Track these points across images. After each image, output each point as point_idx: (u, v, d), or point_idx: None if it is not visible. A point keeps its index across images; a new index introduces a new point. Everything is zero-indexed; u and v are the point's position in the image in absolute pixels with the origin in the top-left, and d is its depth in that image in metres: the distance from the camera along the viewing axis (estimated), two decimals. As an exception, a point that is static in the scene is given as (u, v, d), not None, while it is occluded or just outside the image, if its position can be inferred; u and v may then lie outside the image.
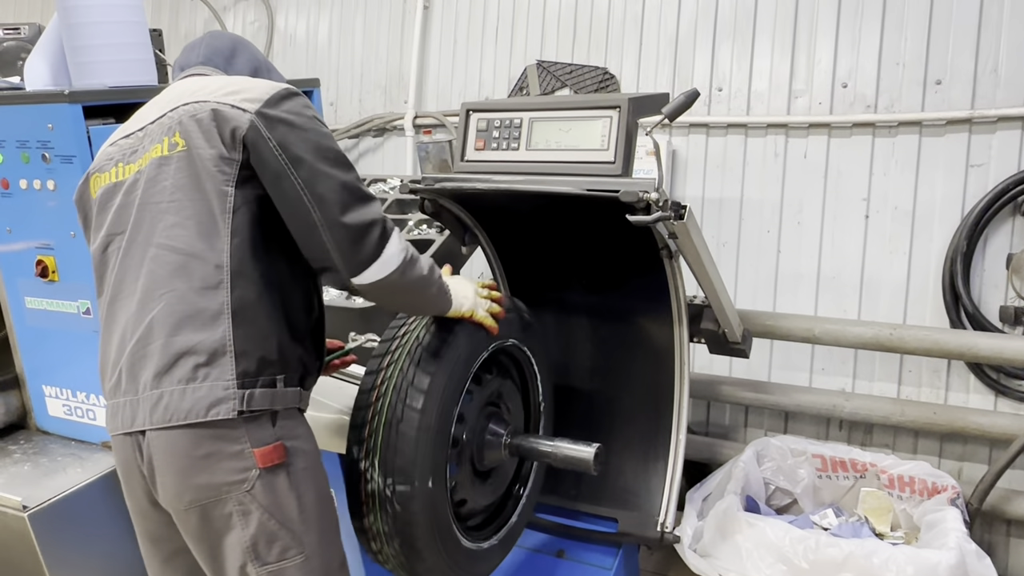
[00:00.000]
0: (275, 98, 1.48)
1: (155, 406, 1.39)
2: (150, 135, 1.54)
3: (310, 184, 1.43)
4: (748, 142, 3.05)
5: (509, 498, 2.13)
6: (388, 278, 1.49)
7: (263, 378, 1.43)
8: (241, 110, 1.45)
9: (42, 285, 2.33)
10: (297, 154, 1.44)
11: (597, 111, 1.99)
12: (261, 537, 1.42)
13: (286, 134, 1.45)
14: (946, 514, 2.28)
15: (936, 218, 2.78)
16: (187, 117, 1.48)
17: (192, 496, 1.40)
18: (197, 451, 1.39)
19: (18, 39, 2.86)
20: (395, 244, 1.50)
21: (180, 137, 1.48)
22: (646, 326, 2.39)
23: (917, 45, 2.76)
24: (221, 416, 1.38)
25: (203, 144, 1.45)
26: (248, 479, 1.40)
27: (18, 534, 2.14)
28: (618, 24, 3.24)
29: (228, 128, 1.44)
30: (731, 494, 2.38)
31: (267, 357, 1.44)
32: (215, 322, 1.40)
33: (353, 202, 1.46)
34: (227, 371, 1.39)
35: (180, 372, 1.39)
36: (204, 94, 1.51)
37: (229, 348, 1.40)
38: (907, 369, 2.89)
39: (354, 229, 1.45)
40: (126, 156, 1.56)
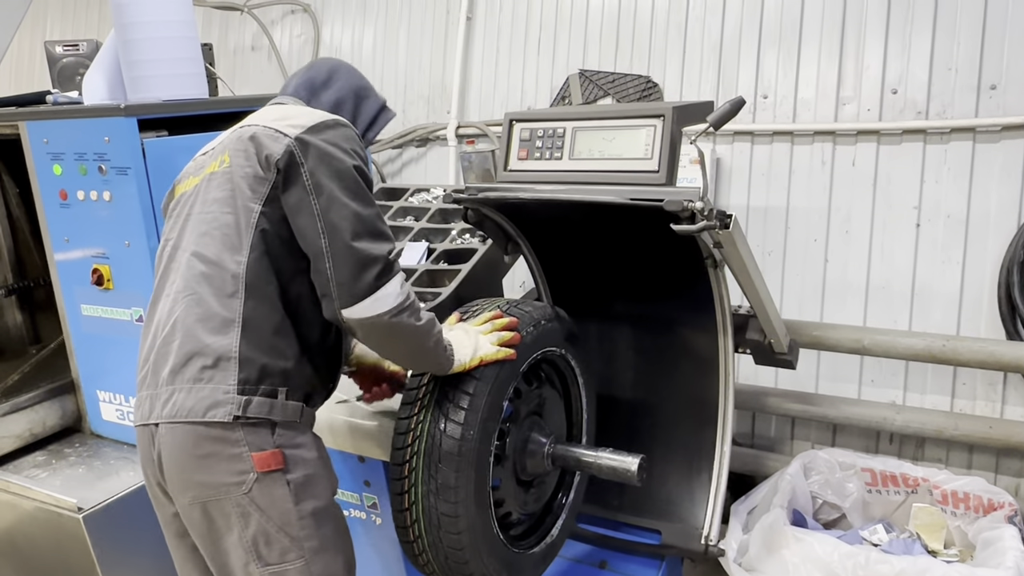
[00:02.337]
0: (318, 126, 1.55)
1: (167, 401, 1.48)
2: (214, 154, 1.66)
3: (326, 211, 1.47)
4: (794, 150, 3.00)
5: (552, 507, 2.12)
6: (378, 318, 1.46)
7: (263, 387, 1.48)
8: (283, 135, 1.53)
9: (97, 293, 2.40)
10: (321, 181, 1.49)
11: (641, 120, 1.98)
12: (260, 538, 1.47)
13: (318, 161, 1.50)
14: (1003, 532, 2.21)
15: (991, 226, 2.71)
16: (236, 139, 1.60)
17: (194, 493, 1.48)
18: (198, 450, 1.46)
19: (77, 55, 2.96)
20: (395, 285, 1.48)
21: (228, 156, 1.58)
22: (690, 336, 2.36)
23: (970, 49, 2.69)
24: (217, 419, 1.44)
25: (242, 163, 1.55)
26: (246, 482, 1.46)
27: (73, 535, 2.20)
28: (661, 32, 3.23)
29: (265, 151, 1.53)
30: (777, 507, 2.34)
31: (270, 368, 1.49)
32: (226, 328, 1.47)
33: (365, 233, 1.48)
34: (230, 376, 1.46)
35: (190, 371, 1.47)
36: (257, 119, 1.62)
37: (234, 354, 1.47)
38: (961, 382, 2.81)
39: (358, 257, 1.46)
40: (196, 170, 1.68)
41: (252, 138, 1.56)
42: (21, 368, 2.78)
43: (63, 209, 2.40)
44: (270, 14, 4.27)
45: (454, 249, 2.61)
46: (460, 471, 1.66)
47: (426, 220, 2.78)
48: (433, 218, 2.81)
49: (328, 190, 1.48)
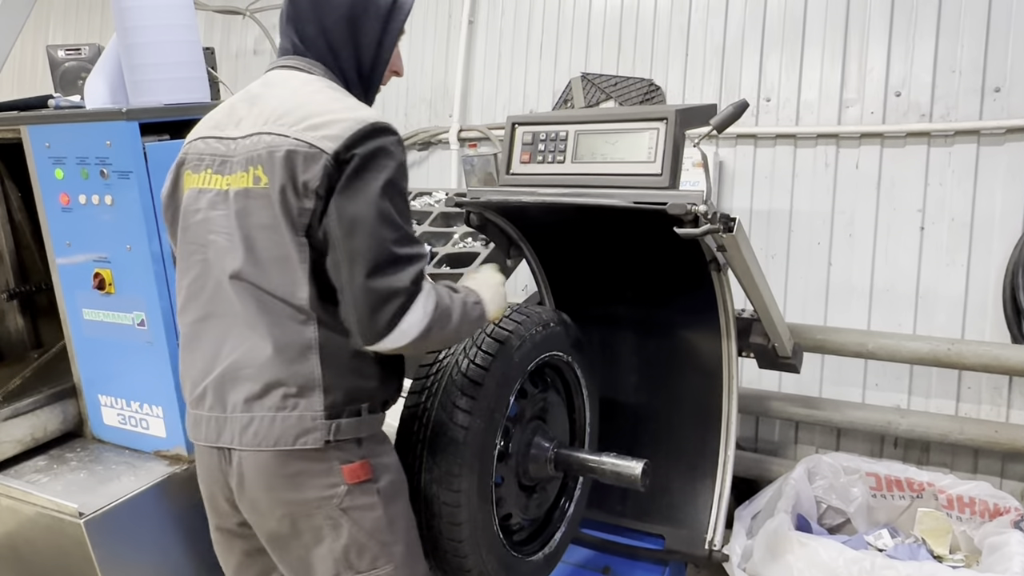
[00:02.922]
0: (358, 137, 1.40)
1: (245, 428, 1.46)
2: (239, 153, 1.49)
3: (347, 237, 1.38)
4: (797, 153, 2.99)
5: (555, 513, 2.11)
6: (405, 347, 1.43)
7: (349, 408, 1.47)
8: (318, 150, 1.39)
9: (99, 297, 2.39)
10: (346, 208, 1.39)
11: (644, 123, 1.98)
12: (352, 548, 1.48)
13: (352, 179, 1.39)
14: (1009, 537, 2.19)
15: (995, 229, 2.70)
16: (267, 153, 1.43)
17: (283, 510, 1.47)
18: (286, 469, 1.45)
19: (79, 59, 2.95)
20: (415, 314, 1.40)
21: (263, 173, 1.44)
22: (693, 340, 2.35)
23: (974, 52, 2.68)
24: (308, 445, 1.43)
25: (280, 188, 1.41)
26: (337, 494, 1.46)
27: (74, 540, 2.19)
28: (663, 35, 3.22)
29: (302, 177, 1.40)
30: (782, 512, 2.32)
31: (353, 390, 1.48)
32: (304, 357, 1.44)
33: (383, 265, 1.38)
34: (316, 403, 1.44)
35: (271, 400, 1.44)
36: (285, 124, 1.44)
37: (318, 383, 1.44)
38: (966, 385, 2.79)
39: (375, 295, 1.37)
40: (216, 164, 1.52)
41: (286, 157, 1.40)
42: (22, 372, 2.76)
43: (65, 213, 2.39)
44: (272, 18, 4.27)
45: (456, 253, 2.61)
46: (464, 460, 1.66)
47: (428, 224, 2.77)
48: (435, 222, 2.81)
49: (350, 216, 1.38)
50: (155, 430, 2.46)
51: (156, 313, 2.32)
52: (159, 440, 2.46)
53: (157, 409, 2.43)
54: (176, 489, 2.40)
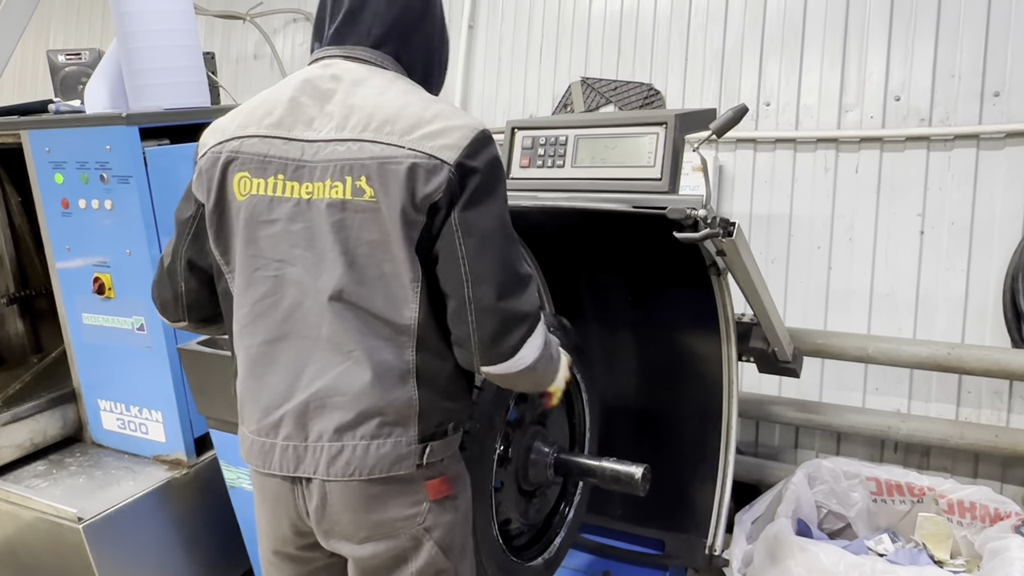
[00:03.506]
0: (475, 146, 1.33)
1: (334, 459, 1.38)
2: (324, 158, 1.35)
3: (473, 258, 1.32)
4: (797, 157, 3.00)
5: (554, 518, 2.11)
6: (518, 373, 1.39)
7: (439, 430, 1.43)
8: (439, 162, 1.30)
9: (99, 302, 2.40)
10: (473, 222, 1.32)
11: (643, 128, 1.98)
12: (428, 568, 1.44)
13: (473, 196, 1.32)
14: (1010, 542, 2.18)
15: (995, 234, 2.69)
16: (377, 164, 1.31)
17: (367, 532, 1.42)
18: (371, 490, 1.40)
19: (79, 64, 2.96)
20: (537, 340, 1.38)
21: (368, 185, 1.32)
22: (693, 344, 2.35)
23: (973, 56, 2.69)
24: (403, 471, 1.39)
25: (395, 202, 1.31)
26: (421, 512, 1.42)
27: (73, 545, 2.19)
28: (663, 39, 3.23)
29: (423, 191, 1.30)
30: (782, 517, 2.32)
31: (444, 412, 1.44)
32: (402, 383, 1.38)
33: (512, 286, 1.34)
34: (411, 429, 1.39)
35: (365, 429, 1.38)
36: (395, 133, 1.32)
37: (415, 408, 1.39)
38: (966, 390, 2.79)
39: (504, 317, 1.33)
40: (289, 169, 1.37)
41: (408, 171, 1.30)
42: (22, 377, 2.77)
43: (65, 218, 2.40)
44: (272, 23, 4.28)
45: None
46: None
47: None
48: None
49: (480, 232, 1.32)
50: (155, 435, 2.46)
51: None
52: (159, 445, 2.47)
53: (157, 414, 2.43)
54: (175, 494, 2.40)
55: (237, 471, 2.25)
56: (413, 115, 1.34)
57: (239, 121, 1.44)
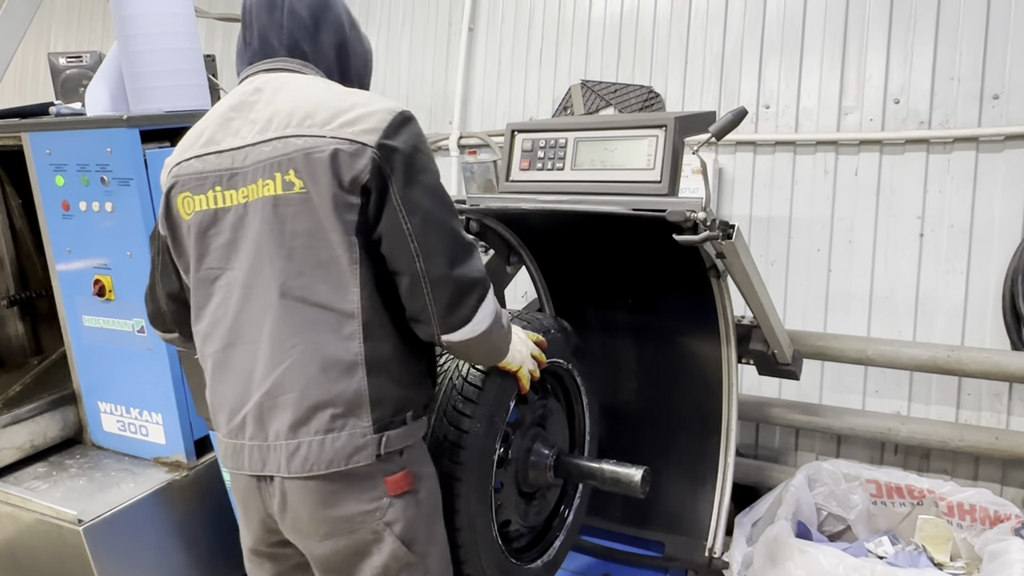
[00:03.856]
0: (394, 125, 1.38)
1: (292, 456, 1.41)
2: (252, 161, 1.41)
3: (420, 235, 1.37)
4: (797, 159, 3.00)
5: (554, 520, 2.11)
6: (476, 338, 1.45)
7: (396, 419, 1.44)
8: (361, 145, 1.35)
9: (99, 304, 2.40)
10: (413, 200, 1.37)
11: (643, 130, 1.99)
12: (393, 563, 1.45)
13: (405, 174, 1.37)
14: (1010, 544, 2.18)
15: (995, 236, 2.70)
16: (302, 156, 1.37)
17: (328, 528, 1.43)
18: (330, 487, 1.41)
19: (80, 67, 2.97)
20: (489, 304, 1.45)
21: (296, 177, 1.37)
22: (693, 346, 2.35)
23: (973, 59, 2.69)
24: (361, 463, 1.40)
25: (324, 189, 1.35)
26: (381, 507, 1.43)
27: (73, 547, 2.19)
28: (663, 42, 3.23)
29: (350, 174, 1.35)
30: (782, 519, 2.32)
31: (400, 400, 1.45)
32: (350, 373, 1.39)
33: (461, 254, 1.40)
34: (364, 419, 1.40)
35: (317, 423, 1.39)
36: (316, 125, 1.38)
37: (365, 398, 1.40)
38: (966, 392, 2.79)
39: (458, 285, 1.39)
40: (223, 179, 1.44)
41: (331, 157, 1.35)
42: (22, 379, 2.77)
43: (65, 220, 2.40)
44: (273, 25, 4.28)
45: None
46: (464, 463, 1.65)
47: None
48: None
49: (422, 209, 1.37)
50: (155, 437, 2.46)
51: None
52: (159, 447, 2.47)
53: (157, 416, 2.43)
54: (175, 496, 2.40)
55: (237, 473, 2.25)
56: (331, 106, 1.40)
57: (179, 149, 1.54)
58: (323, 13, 1.54)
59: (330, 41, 1.55)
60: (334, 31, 1.56)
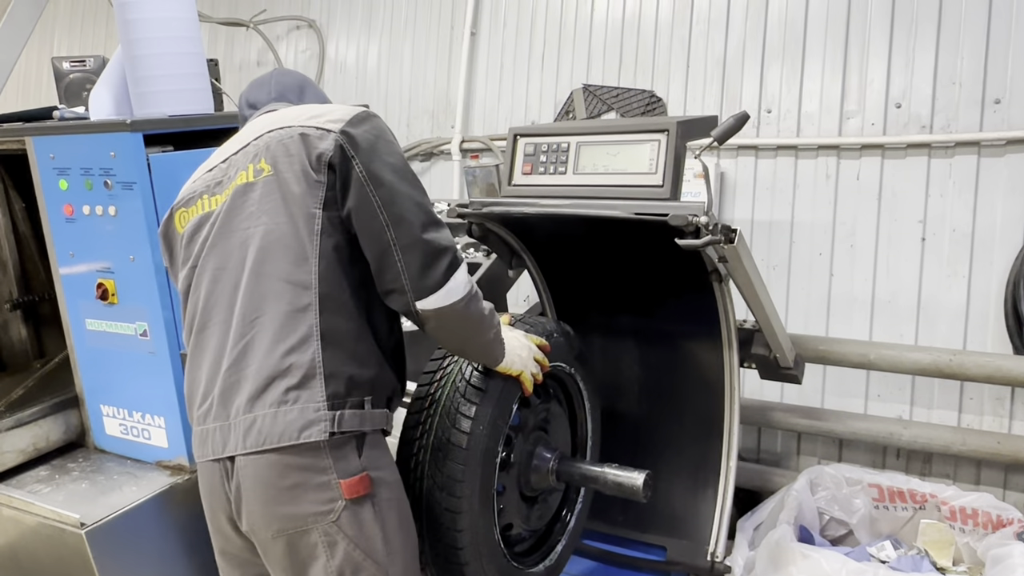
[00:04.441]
0: (357, 119, 1.51)
1: (248, 431, 1.42)
2: (235, 165, 1.58)
3: (388, 204, 1.45)
4: (799, 164, 3.00)
5: (556, 524, 2.11)
6: (452, 306, 1.48)
7: (351, 399, 1.45)
8: (326, 131, 1.48)
9: (102, 307, 2.40)
10: (378, 174, 1.46)
11: (645, 134, 1.99)
12: (347, 567, 1.43)
13: (369, 154, 1.47)
14: (1012, 549, 2.18)
15: (997, 240, 2.70)
16: (274, 143, 1.52)
17: (279, 526, 1.43)
18: (284, 481, 1.41)
19: (84, 71, 2.97)
20: (462, 275, 1.50)
21: (266, 163, 1.51)
22: (695, 351, 2.35)
23: (974, 64, 2.69)
24: (313, 438, 1.39)
25: (289, 168, 1.48)
26: (334, 510, 1.42)
27: (75, 551, 2.19)
28: (665, 47, 3.24)
29: (315, 151, 1.47)
30: (784, 523, 2.31)
31: (355, 379, 1.45)
32: (305, 345, 1.42)
33: (431, 223, 1.48)
34: (317, 393, 1.41)
35: (272, 395, 1.41)
36: (288, 120, 1.55)
37: (319, 370, 1.41)
38: (968, 397, 2.79)
39: (428, 248, 1.45)
40: (211, 188, 1.59)
41: (298, 138, 1.49)
42: (25, 382, 2.77)
43: (68, 224, 2.40)
44: (276, 30, 4.30)
45: (458, 263, 2.60)
46: (467, 464, 1.65)
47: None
48: (437, 232, 2.80)
49: (387, 182, 1.46)
50: (157, 440, 2.46)
51: (159, 323, 2.33)
52: (161, 450, 2.46)
53: (159, 419, 2.43)
54: (178, 499, 2.40)
55: (239, 477, 2.25)
56: (307, 111, 1.58)
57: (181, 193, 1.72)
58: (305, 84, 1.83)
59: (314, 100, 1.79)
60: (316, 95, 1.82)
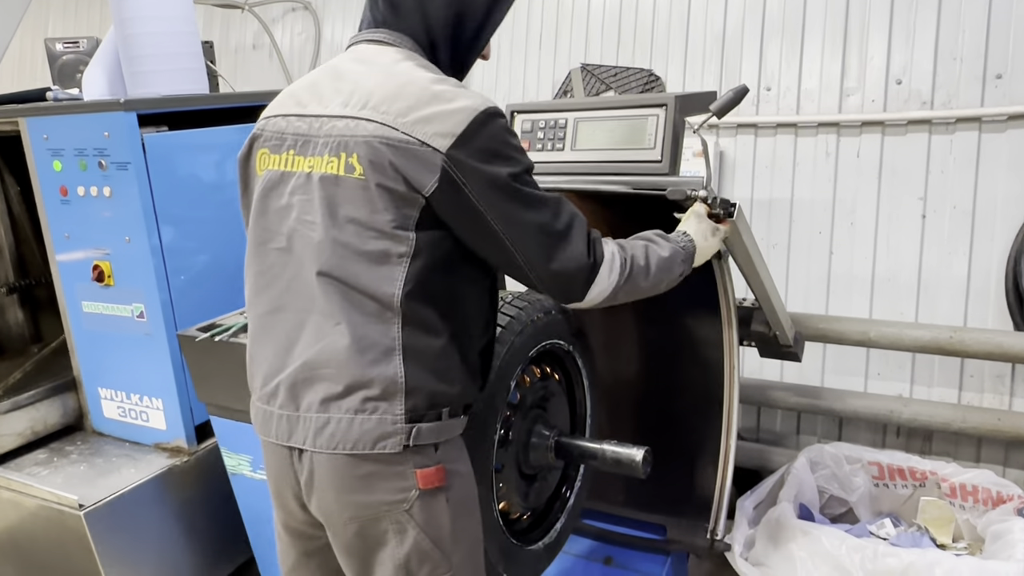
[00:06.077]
0: (471, 130, 1.32)
1: (320, 430, 1.39)
2: (325, 133, 1.40)
3: (508, 229, 1.36)
4: (798, 142, 2.98)
5: (555, 503, 2.10)
6: (603, 302, 1.49)
7: (430, 412, 1.41)
8: (432, 149, 1.30)
9: (98, 289, 2.39)
10: (490, 199, 1.34)
11: (643, 109, 1.96)
12: (414, 555, 1.42)
13: (479, 176, 1.33)
14: (1012, 525, 2.18)
15: (998, 216, 2.68)
16: (370, 142, 1.34)
17: (352, 513, 1.41)
18: (359, 471, 1.39)
19: (77, 52, 2.95)
20: (600, 285, 1.46)
21: (359, 163, 1.34)
22: (694, 329, 2.34)
23: (975, 39, 2.67)
24: (387, 450, 1.38)
25: (384, 181, 1.33)
26: (408, 499, 1.40)
27: (74, 532, 2.19)
28: (663, 25, 3.21)
29: (410, 174, 1.32)
30: (784, 501, 2.32)
31: (437, 394, 1.41)
32: (387, 358, 1.37)
33: (555, 244, 1.39)
34: (397, 406, 1.37)
35: (350, 402, 1.37)
36: (390, 113, 1.34)
37: (400, 385, 1.37)
38: (968, 374, 2.78)
39: (562, 279, 1.41)
40: (299, 144, 1.43)
41: (398, 151, 1.32)
42: (23, 366, 2.78)
43: (63, 205, 2.39)
44: (271, 12, 4.27)
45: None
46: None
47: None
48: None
49: (501, 206, 1.34)
50: (155, 422, 2.46)
51: (155, 305, 2.32)
52: (159, 432, 2.47)
53: (157, 401, 2.43)
54: (176, 481, 2.40)
55: (238, 458, 2.25)
56: (412, 95, 1.35)
57: (274, 103, 1.53)
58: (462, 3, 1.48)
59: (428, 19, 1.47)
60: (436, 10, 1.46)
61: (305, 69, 4.15)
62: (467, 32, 1.51)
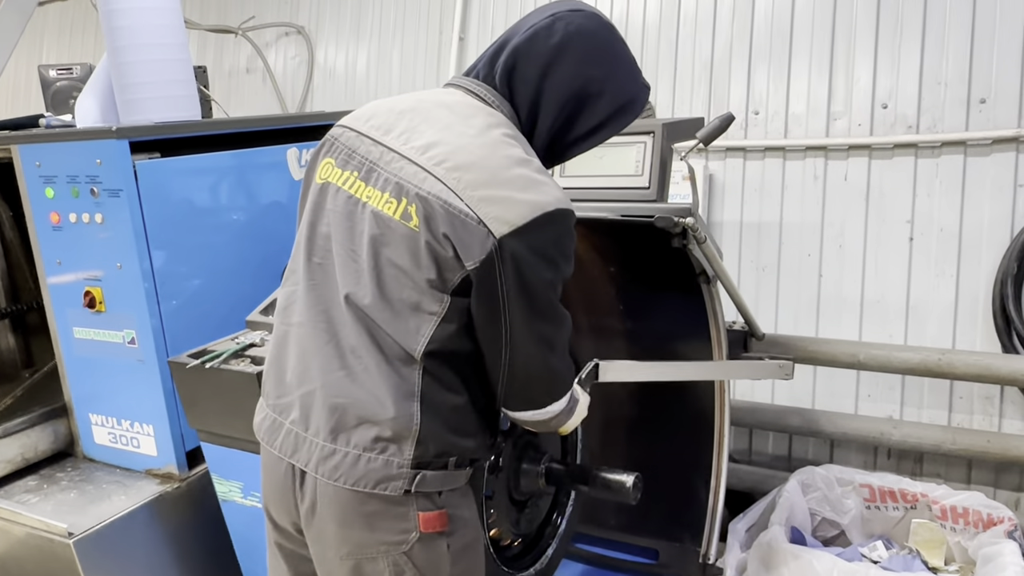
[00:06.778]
0: (532, 225, 1.29)
1: (325, 459, 1.38)
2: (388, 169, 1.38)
3: (515, 328, 1.34)
4: (786, 165, 3.01)
5: (546, 528, 2.10)
6: (538, 424, 1.50)
7: (436, 461, 1.40)
8: (487, 231, 1.28)
9: (90, 315, 2.39)
10: (515, 293, 1.32)
11: (631, 137, 1.99)
12: None
13: (516, 273, 1.30)
14: (1003, 547, 2.18)
15: (984, 239, 2.71)
16: (431, 202, 1.32)
17: (349, 549, 1.40)
18: (363, 507, 1.38)
19: (70, 79, 2.97)
20: (559, 405, 1.47)
21: (416, 215, 1.33)
22: (685, 352, 2.35)
23: (959, 63, 2.71)
24: (388, 492, 1.37)
25: (435, 241, 1.32)
26: (408, 540, 1.39)
27: (63, 561, 2.17)
28: (652, 49, 3.25)
29: (464, 248, 1.30)
30: (776, 525, 2.32)
31: (446, 444, 1.40)
32: (406, 402, 1.36)
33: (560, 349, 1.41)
34: (406, 450, 1.36)
35: (360, 438, 1.37)
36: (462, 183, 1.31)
37: (414, 431, 1.36)
38: (957, 396, 2.80)
39: (552, 376, 1.43)
40: (363, 170, 1.41)
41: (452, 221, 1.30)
42: (13, 392, 2.76)
43: (55, 232, 2.39)
44: (264, 36, 4.30)
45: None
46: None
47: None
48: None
49: (519, 307, 1.33)
50: (146, 448, 2.45)
51: (147, 331, 2.32)
52: (150, 459, 2.46)
53: (148, 427, 2.42)
54: (167, 508, 2.39)
55: (229, 484, 2.24)
56: (489, 169, 1.32)
57: (356, 114, 1.51)
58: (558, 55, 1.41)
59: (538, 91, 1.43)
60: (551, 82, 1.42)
61: (298, 93, 4.18)
62: (577, 130, 1.47)
